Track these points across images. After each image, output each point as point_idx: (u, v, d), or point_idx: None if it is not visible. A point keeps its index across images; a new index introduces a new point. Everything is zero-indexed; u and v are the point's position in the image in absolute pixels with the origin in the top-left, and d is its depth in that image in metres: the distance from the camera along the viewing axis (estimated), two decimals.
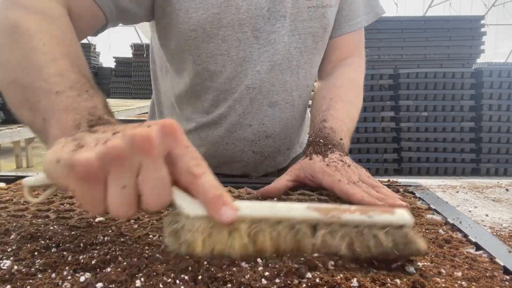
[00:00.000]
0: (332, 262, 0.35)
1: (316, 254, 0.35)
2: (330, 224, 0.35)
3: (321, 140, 0.63)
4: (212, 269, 0.33)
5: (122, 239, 0.42)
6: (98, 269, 0.34)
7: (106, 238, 0.42)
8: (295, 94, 0.75)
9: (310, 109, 0.81)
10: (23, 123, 0.46)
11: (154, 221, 0.49)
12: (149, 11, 0.67)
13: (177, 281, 0.32)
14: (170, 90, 0.79)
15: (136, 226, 0.47)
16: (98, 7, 0.59)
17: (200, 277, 0.32)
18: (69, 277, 0.32)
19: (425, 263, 0.38)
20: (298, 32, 0.71)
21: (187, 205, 0.33)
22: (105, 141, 0.31)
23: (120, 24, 0.68)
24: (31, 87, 0.42)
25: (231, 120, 0.74)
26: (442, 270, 0.36)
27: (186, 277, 0.32)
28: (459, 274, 0.35)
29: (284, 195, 0.59)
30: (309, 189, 0.61)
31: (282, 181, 0.60)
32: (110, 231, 0.45)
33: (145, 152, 0.30)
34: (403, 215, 0.35)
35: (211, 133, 0.75)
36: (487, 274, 0.36)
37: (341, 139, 0.65)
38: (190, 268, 0.33)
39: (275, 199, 0.58)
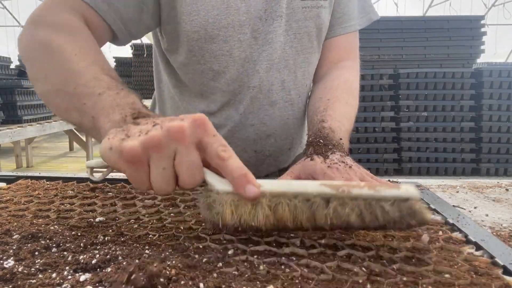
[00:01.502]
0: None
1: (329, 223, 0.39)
2: (342, 198, 0.39)
3: (321, 140, 0.63)
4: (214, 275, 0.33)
5: (122, 239, 0.42)
6: (98, 269, 0.34)
7: (106, 238, 0.42)
8: (293, 93, 0.76)
9: (306, 110, 0.82)
10: (72, 125, 0.51)
11: (154, 221, 0.49)
12: (154, 18, 0.69)
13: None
14: (175, 92, 0.79)
15: (136, 226, 0.47)
16: (106, 23, 0.62)
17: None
18: (69, 277, 0.32)
19: (425, 263, 0.37)
20: (293, 32, 0.72)
21: (217, 183, 0.39)
22: (147, 131, 0.38)
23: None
24: (74, 94, 0.48)
25: (234, 120, 0.75)
26: (443, 270, 0.36)
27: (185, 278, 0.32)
28: (459, 274, 0.35)
29: None
30: None
31: None
32: (110, 231, 0.45)
33: (179, 141, 0.38)
34: (408, 190, 0.39)
35: None
36: (487, 274, 0.36)
37: (340, 139, 0.65)
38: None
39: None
